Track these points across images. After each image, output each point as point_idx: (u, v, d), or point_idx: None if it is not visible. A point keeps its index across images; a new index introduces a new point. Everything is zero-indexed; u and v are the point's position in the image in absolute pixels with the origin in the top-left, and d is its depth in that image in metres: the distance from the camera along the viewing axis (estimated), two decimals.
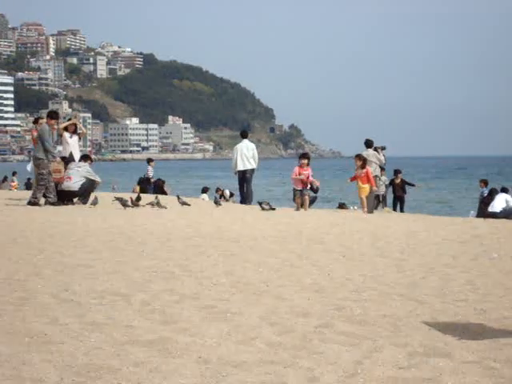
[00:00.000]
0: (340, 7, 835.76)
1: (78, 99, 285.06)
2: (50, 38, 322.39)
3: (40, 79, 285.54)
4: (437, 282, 8.21)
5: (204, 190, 29.28)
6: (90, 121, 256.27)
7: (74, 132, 20.45)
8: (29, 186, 33.20)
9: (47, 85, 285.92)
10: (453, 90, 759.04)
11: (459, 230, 14.23)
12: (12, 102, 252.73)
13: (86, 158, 20.27)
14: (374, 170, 22.04)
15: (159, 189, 28.13)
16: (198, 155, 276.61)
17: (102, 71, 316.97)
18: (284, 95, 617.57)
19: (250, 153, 23.10)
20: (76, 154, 20.30)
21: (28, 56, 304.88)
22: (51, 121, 19.20)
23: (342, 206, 24.23)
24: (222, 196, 27.22)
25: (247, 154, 23.06)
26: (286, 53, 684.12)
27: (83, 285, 7.67)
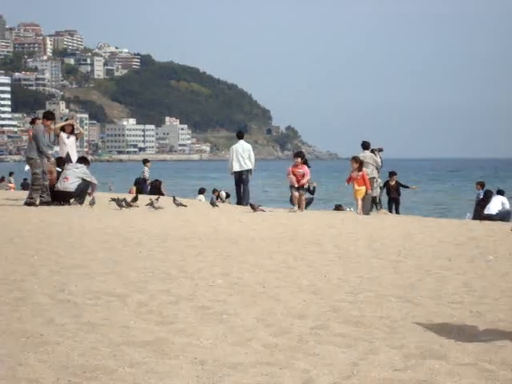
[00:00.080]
0: (340, 7, 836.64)
1: (75, 100, 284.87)
2: (48, 38, 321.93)
3: (37, 79, 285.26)
4: (433, 283, 8.22)
5: (201, 191, 29.27)
6: (87, 121, 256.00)
7: (71, 133, 20.46)
8: (25, 186, 33.16)
9: (44, 85, 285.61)
10: (452, 91, 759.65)
11: (455, 232, 14.25)
12: (9, 103, 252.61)
13: (83, 161, 20.20)
14: (371, 172, 22.04)
15: (156, 189, 28.09)
16: (195, 156, 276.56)
17: (99, 72, 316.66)
18: (281, 96, 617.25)
19: (246, 153, 23.09)
20: (73, 155, 20.30)
21: (25, 56, 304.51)
22: (47, 121, 19.18)
23: (339, 207, 24.22)
24: (218, 197, 27.21)
25: (243, 154, 23.05)
26: (283, 54, 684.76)
27: (79, 285, 7.67)
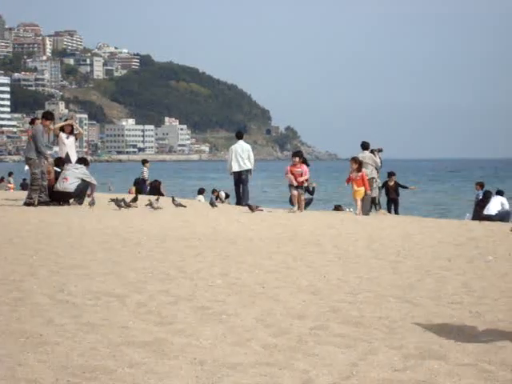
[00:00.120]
0: (340, 7, 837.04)
1: (75, 100, 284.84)
2: (47, 38, 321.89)
3: (36, 80, 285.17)
4: (432, 284, 8.22)
5: (200, 192, 29.26)
6: (87, 122, 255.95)
7: (70, 133, 20.46)
8: (24, 186, 33.16)
9: (44, 85, 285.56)
10: (452, 91, 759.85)
11: (455, 232, 14.25)
12: (8, 103, 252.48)
13: (83, 162, 20.20)
14: (371, 172, 22.04)
15: (156, 190, 28.08)
16: (195, 156, 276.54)
17: (99, 72, 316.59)
18: (280, 97, 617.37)
19: (245, 154, 23.07)
20: (73, 155, 20.30)
21: (24, 56, 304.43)
22: (46, 121, 19.18)
23: (338, 207, 24.22)
24: (217, 197, 27.22)
25: (242, 154, 23.04)
26: (283, 54, 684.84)
27: (79, 285, 7.66)
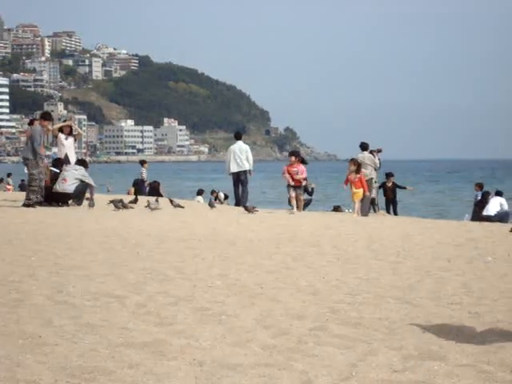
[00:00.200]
0: (340, 7, 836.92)
1: (74, 101, 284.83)
2: (46, 39, 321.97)
3: (35, 81, 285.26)
4: (431, 285, 8.22)
5: (199, 193, 29.26)
6: (85, 122, 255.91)
7: (69, 134, 20.45)
8: (23, 187, 33.15)
9: (42, 86, 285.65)
10: (452, 91, 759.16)
11: (454, 233, 14.26)
12: (7, 104, 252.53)
13: (82, 164, 20.18)
14: (370, 173, 22.05)
15: (155, 191, 28.08)
16: (193, 157, 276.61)
17: (98, 73, 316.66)
18: (280, 97, 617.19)
19: (243, 154, 23.06)
20: (71, 156, 20.30)
21: (23, 57, 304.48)
22: (44, 122, 19.17)
23: (337, 208, 24.22)
24: (216, 198, 27.22)
25: (241, 155, 23.03)
26: (283, 54, 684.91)
27: (78, 286, 7.66)
